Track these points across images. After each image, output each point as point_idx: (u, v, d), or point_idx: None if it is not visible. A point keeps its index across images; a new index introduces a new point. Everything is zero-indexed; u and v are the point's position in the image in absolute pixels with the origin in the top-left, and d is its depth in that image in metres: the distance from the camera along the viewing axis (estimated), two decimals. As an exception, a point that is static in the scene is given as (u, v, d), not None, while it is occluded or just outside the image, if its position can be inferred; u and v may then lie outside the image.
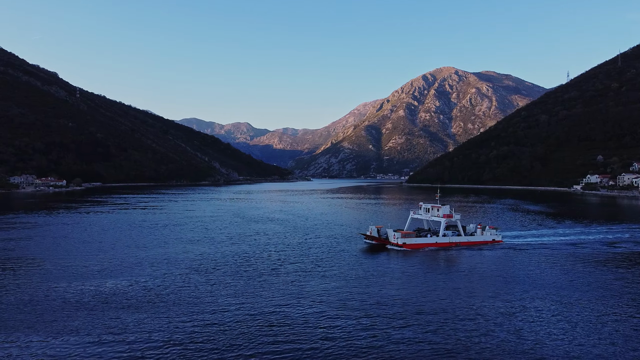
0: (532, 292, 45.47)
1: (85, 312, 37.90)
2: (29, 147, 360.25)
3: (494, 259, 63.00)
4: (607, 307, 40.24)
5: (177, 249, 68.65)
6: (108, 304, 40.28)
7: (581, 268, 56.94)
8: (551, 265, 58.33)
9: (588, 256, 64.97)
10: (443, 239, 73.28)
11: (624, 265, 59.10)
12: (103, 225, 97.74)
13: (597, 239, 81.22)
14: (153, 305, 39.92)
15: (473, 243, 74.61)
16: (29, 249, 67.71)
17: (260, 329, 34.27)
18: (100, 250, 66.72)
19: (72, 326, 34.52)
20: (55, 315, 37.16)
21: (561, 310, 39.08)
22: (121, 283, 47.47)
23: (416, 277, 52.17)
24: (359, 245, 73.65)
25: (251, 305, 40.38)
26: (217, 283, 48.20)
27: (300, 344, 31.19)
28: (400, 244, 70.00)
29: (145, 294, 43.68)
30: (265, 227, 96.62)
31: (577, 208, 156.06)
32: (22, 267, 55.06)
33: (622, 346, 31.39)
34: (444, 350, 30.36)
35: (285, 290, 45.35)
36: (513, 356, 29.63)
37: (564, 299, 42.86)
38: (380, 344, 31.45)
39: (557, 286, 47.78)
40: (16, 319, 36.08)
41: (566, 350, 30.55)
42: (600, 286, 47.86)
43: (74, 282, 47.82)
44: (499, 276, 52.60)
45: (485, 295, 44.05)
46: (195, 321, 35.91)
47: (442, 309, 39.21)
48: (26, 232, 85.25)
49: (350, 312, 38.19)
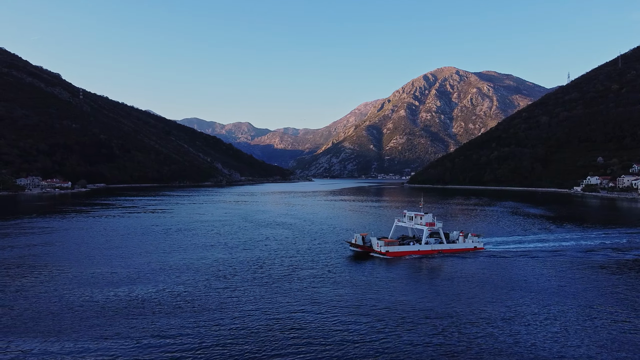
0: (497, 297, 48.49)
1: (122, 317, 41.08)
2: (33, 148, 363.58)
3: (472, 267, 64.78)
4: (578, 313, 43.22)
5: (195, 255, 71.76)
6: (142, 309, 43.46)
7: (554, 274, 59.47)
8: (526, 273, 60.73)
9: (565, 263, 66.86)
10: (425, 247, 74.37)
11: (602, 272, 61.13)
12: (118, 230, 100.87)
13: (575, 245, 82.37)
14: (182, 311, 43.04)
15: (455, 250, 75.75)
16: (54, 255, 70.80)
17: (282, 332, 37.35)
18: (122, 257, 69.87)
19: (113, 331, 37.68)
20: (97, 320, 40.31)
21: (545, 315, 42.10)
22: (149, 289, 50.59)
23: (411, 283, 55.21)
24: (346, 252, 75.15)
25: (271, 310, 43.47)
26: (237, 289, 51.28)
27: (319, 346, 34.19)
28: (383, 252, 71.03)
29: (173, 300, 46.78)
30: (275, 232, 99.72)
31: (574, 211, 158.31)
32: (54, 273, 58.16)
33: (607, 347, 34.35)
34: (441, 350, 33.40)
35: (301, 296, 48.39)
36: (509, 357, 32.64)
37: (546, 304, 45.87)
38: (391, 345, 34.45)
39: (533, 290, 50.82)
40: (62, 324, 39.16)
41: (557, 352, 33.53)
42: (572, 293, 50.58)
43: (106, 288, 50.94)
44: (477, 282, 55.51)
45: (466, 301, 47.08)
46: (222, 325, 39.05)
47: (441, 313, 42.25)
48: (47, 237, 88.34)
49: (363, 317, 41.21)
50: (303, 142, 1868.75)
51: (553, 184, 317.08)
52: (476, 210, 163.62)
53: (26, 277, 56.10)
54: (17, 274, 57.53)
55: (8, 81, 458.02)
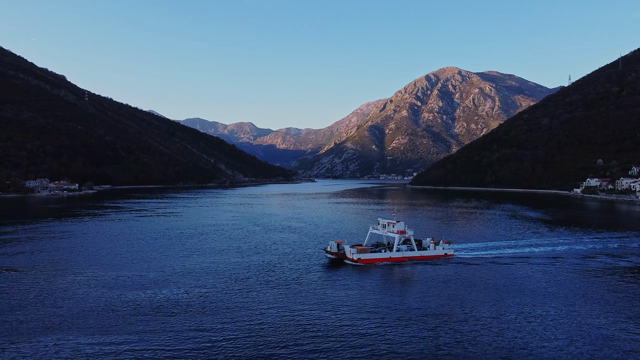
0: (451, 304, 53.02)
1: (159, 315, 46.34)
2: (40, 150, 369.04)
3: (436, 273, 67.70)
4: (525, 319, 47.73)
5: (211, 259, 76.86)
6: (174, 308, 48.62)
7: (513, 280, 62.35)
8: (488, 277, 64.16)
9: (530, 269, 69.44)
10: (397, 254, 76.27)
11: (557, 279, 63.45)
12: (135, 234, 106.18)
13: (545, 251, 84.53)
14: (209, 310, 48.29)
15: (426, 257, 77.70)
16: (83, 259, 76.06)
17: (295, 327, 42.40)
18: (144, 260, 75.29)
19: (152, 327, 42.86)
20: (136, 318, 45.53)
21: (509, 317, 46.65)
22: (177, 291, 55.80)
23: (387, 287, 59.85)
24: (322, 260, 77.06)
25: (284, 309, 48.54)
26: (252, 290, 56.37)
27: (326, 339, 38.97)
28: (356, 259, 73.04)
29: (199, 300, 51.91)
30: (283, 236, 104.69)
31: (569, 215, 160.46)
32: (87, 276, 63.32)
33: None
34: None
35: (312, 298, 53.18)
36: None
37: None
38: (391, 338, 39.14)
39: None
40: (106, 322, 44.20)
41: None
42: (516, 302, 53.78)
43: (136, 290, 56.10)
44: (436, 286, 60.08)
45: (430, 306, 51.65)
46: (243, 322, 44.20)
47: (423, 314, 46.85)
48: (71, 242, 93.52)
49: (368, 316, 45.93)
50: (305, 142, 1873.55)
51: (553, 185, 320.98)
52: (474, 213, 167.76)
53: (64, 280, 61.26)
54: (55, 277, 62.71)
55: (15, 84, 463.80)
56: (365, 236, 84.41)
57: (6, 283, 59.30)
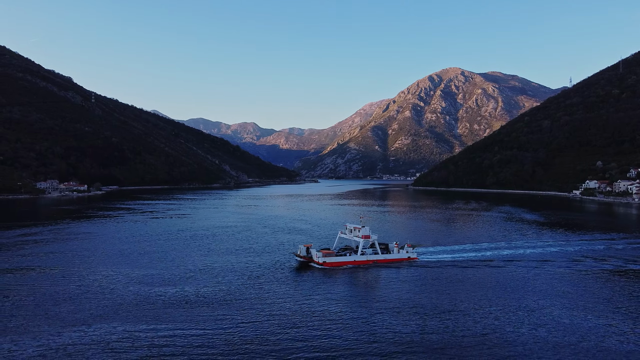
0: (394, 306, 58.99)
1: (188, 308, 53.05)
2: (49, 151, 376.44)
3: (392, 275, 71.41)
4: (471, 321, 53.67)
5: (226, 259, 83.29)
6: (200, 302, 55.26)
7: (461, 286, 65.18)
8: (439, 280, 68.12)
9: (484, 273, 72.22)
10: (361, 257, 79.20)
11: (511, 283, 66.10)
12: (152, 235, 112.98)
13: (509, 254, 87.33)
14: (231, 303, 55.06)
15: (389, 260, 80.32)
16: (109, 258, 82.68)
17: (305, 317, 48.66)
18: (165, 260, 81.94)
19: (184, 318, 49.50)
20: (171, 309, 52.49)
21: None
22: (200, 287, 62.33)
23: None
24: (293, 263, 79.68)
25: (294, 302, 55.11)
26: (264, 286, 63.15)
27: (331, 324, 45.04)
28: (321, 263, 75.63)
29: (221, 295, 58.56)
30: (291, 238, 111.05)
31: (561, 217, 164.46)
32: (118, 274, 69.85)
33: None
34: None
35: (316, 292, 59.46)
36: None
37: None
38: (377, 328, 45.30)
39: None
40: (146, 314, 50.83)
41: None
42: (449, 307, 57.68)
43: (164, 286, 62.65)
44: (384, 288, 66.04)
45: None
46: (262, 313, 50.84)
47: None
48: (93, 243, 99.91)
49: (374, 311, 52.20)
50: (308, 142, 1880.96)
51: (553, 187, 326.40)
52: (470, 216, 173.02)
53: (99, 277, 68.06)
54: (90, 275, 69.42)
55: (23, 85, 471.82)
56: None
57: (48, 280, 65.84)
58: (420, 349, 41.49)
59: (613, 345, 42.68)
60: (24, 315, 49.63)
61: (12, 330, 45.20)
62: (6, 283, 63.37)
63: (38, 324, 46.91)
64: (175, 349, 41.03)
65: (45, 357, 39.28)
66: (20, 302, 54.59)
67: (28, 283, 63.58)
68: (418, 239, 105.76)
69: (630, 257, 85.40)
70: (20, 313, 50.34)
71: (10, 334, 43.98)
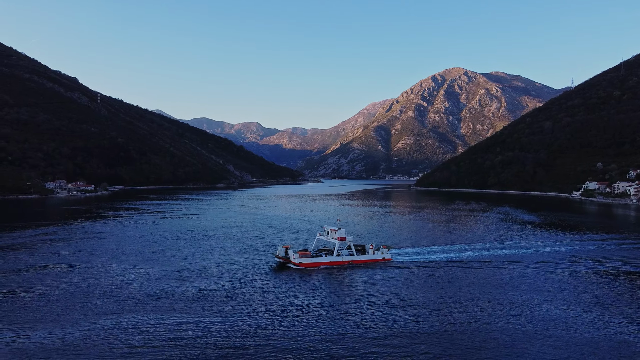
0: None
1: (207, 300, 58.65)
2: (56, 152, 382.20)
3: (364, 276, 74.61)
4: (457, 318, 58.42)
5: (236, 257, 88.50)
6: (218, 295, 61.04)
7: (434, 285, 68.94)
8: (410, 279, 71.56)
9: (455, 274, 74.98)
10: (336, 258, 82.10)
11: (479, 282, 69.31)
12: (164, 234, 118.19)
13: (483, 255, 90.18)
14: (245, 297, 60.54)
15: (364, 261, 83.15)
16: (126, 256, 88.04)
17: (309, 310, 53.74)
18: (180, 257, 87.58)
19: (203, 309, 54.90)
20: (191, 302, 57.90)
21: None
22: (215, 282, 67.74)
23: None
24: (271, 263, 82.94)
25: (300, 295, 60.43)
26: (273, 282, 68.68)
27: (331, 312, 49.88)
28: (297, 264, 78.41)
29: (235, 289, 64.11)
30: (296, 237, 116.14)
31: (557, 218, 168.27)
32: (138, 270, 75.45)
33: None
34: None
35: (319, 286, 64.43)
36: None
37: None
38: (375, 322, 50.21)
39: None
40: (170, 306, 56.08)
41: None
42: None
43: (182, 282, 68.07)
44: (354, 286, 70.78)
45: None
46: (273, 304, 56.55)
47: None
48: (109, 242, 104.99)
49: (381, 308, 57.09)
50: (312, 142, 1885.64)
51: (554, 188, 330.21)
52: (466, 217, 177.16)
53: (121, 273, 73.45)
54: (112, 271, 74.88)
55: (30, 86, 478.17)
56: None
57: (73, 276, 71.19)
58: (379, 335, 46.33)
59: (579, 334, 47.52)
60: (61, 307, 54.98)
61: (51, 320, 50.37)
62: (35, 280, 68.58)
63: (75, 315, 52.24)
64: (197, 333, 46.95)
65: (87, 340, 44.67)
66: (52, 296, 59.80)
67: (55, 279, 68.81)
68: (414, 240, 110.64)
69: (620, 257, 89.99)
70: (56, 305, 55.57)
71: (50, 324, 49.17)
